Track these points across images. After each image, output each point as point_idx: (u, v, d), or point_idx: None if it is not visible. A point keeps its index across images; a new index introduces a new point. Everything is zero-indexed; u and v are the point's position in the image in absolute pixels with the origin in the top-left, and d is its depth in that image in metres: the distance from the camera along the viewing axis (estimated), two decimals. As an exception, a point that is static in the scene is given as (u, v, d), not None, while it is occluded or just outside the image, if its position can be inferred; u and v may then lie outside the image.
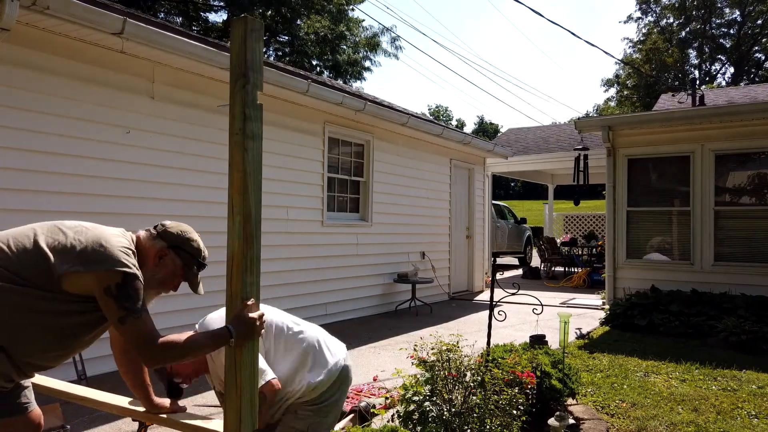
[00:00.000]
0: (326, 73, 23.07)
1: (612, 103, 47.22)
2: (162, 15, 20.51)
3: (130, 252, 1.94)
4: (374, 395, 4.06)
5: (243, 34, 1.76)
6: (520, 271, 14.14)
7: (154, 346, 1.82)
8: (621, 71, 44.31)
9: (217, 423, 2.28)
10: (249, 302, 1.78)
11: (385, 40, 24.25)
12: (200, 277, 2.16)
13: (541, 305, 3.88)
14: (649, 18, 42.00)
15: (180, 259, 2.06)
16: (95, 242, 1.89)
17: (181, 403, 2.34)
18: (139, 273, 1.90)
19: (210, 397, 4.00)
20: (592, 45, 34.99)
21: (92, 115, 4.51)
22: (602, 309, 8.07)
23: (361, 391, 4.17)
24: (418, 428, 2.79)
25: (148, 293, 2.03)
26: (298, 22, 22.13)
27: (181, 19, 21.63)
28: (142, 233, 2.08)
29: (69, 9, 3.87)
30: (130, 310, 1.81)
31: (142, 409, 2.26)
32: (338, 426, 3.07)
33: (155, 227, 2.10)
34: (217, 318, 2.49)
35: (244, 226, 1.73)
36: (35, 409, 2.06)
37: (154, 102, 4.99)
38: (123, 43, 4.42)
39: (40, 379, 2.59)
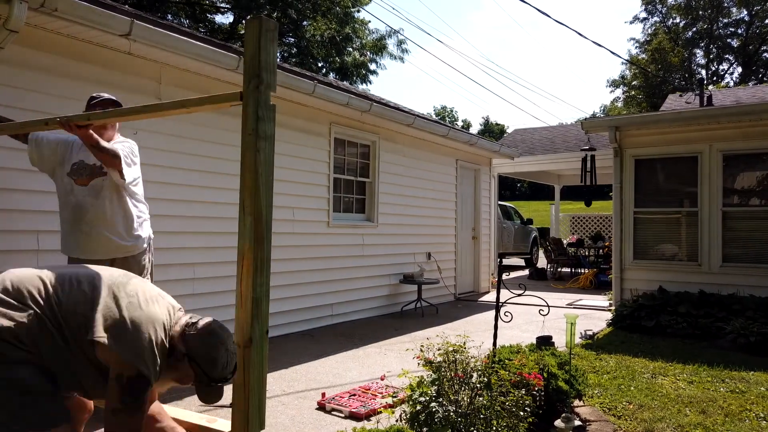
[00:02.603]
0: (332, 75, 23.09)
1: (618, 104, 47.05)
2: (169, 17, 20.60)
3: (157, 353, 1.98)
4: (382, 394, 4.06)
5: (257, 35, 1.75)
6: (526, 272, 14.11)
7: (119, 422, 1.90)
8: (627, 71, 44.15)
9: (223, 423, 2.28)
10: None
11: (391, 43, 24.28)
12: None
13: (548, 306, 3.87)
14: (655, 18, 41.85)
15: (193, 371, 2.06)
16: (136, 328, 1.95)
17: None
18: (153, 379, 1.95)
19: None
20: (599, 45, 34.79)
21: (100, 117, 4.53)
22: (609, 310, 8.04)
23: (369, 389, 4.18)
24: (425, 429, 2.78)
25: (165, 381, 2.08)
26: (305, 23, 22.16)
27: (188, 21, 21.71)
28: (181, 322, 2.10)
29: (77, 11, 3.89)
30: (127, 407, 1.90)
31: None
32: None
33: (190, 325, 2.09)
34: None
35: (255, 226, 1.73)
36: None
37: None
38: (130, 44, 4.44)
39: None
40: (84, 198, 3.42)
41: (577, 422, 3.41)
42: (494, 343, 3.83)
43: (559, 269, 13.62)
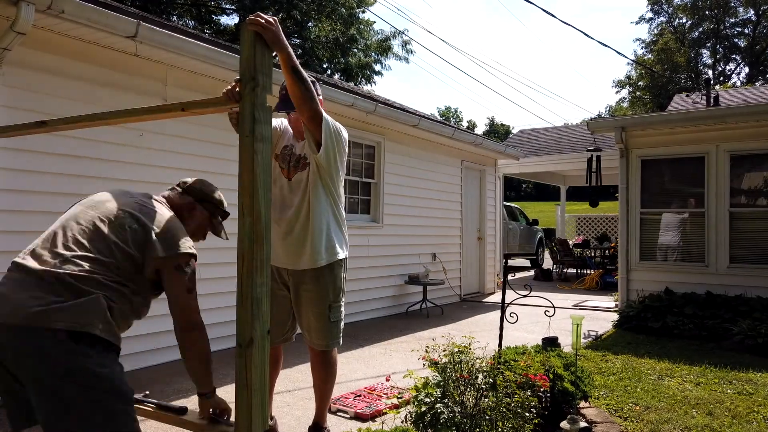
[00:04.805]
0: (337, 76, 23.13)
1: (624, 104, 46.91)
2: (175, 18, 20.68)
3: (181, 225, 2.14)
4: (387, 395, 4.05)
5: (252, 38, 1.78)
6: (531, 273, 14.07)
7: (194, 328, 2.06)
8: (633, 72, 44.00)
9: (227, 423, 2.28)
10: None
11: (396, 43, 24.27)
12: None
13: (554, 307, 3.85)
14: (662, 18, 41.69)
15: (206, 211, 2.33)
16: (165, 227, 2.08)
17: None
18: (194, 249, 2.10)
19: (220, 396, 4.01)
20: (605, 45, 34.79)
21: (106, 118, 4.55)
22: (615, 311, 8.01)
23: (374, 390, 4.17)
24: (430, 430, 2.78)
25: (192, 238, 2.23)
26: (310, 24, 22.21)
27: (193, 22, 21.79)
28: (167, 193, 2.32)
29: (83, 12, 3.91)
30: (190, 281, 2.06)
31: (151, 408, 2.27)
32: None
33: (178, 185, 2.37)
34: None
35: (254, 227, 1.74)
36: None
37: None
38: (137, 46, 4.46)
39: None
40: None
41: (583, 424, 3.39)
42: (500, 344, 3.82)
43: (564, 270, 13.58)
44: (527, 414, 2.87)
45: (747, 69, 40.66)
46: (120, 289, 1.95)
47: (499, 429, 2.75)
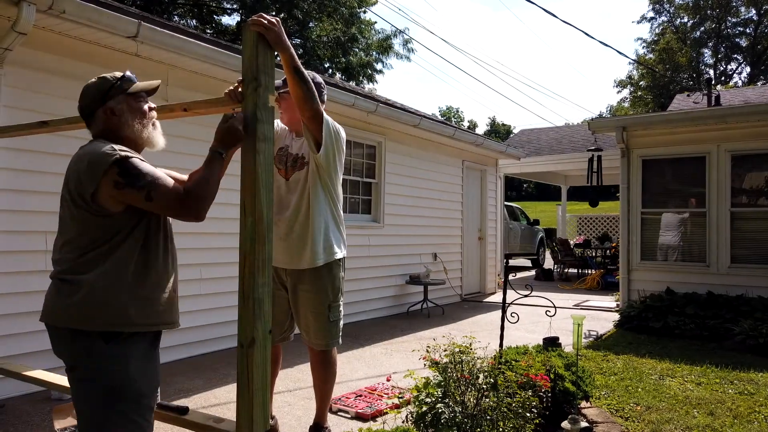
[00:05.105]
0: (338, 75, 23.11)
1: (625, 104, 46.87)
2: (176, 18, 20.69)
3: (107, 143, 1.93)
4: (388, 395, 4.05)
5: (254, 39, 1.78)
6: (532, 273, 14.06)
7: (188, 198, 1.84)
8: (634, 71, 43.97)
9: (229, 423, 2.29)
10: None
11: (397, 42, 24.26)
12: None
13: (555, 307, 3.85)
14: (663, 18, 41.66)
15: (115, 100, 2.06)
16: (84, 163, 1.90)
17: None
18: (124, 152, 1.87)
19: (221, 396, 4.02)
20: (606, 45, 34.76)
21: (107, 118, 4.56)
22: (616, 311, 8.00)
23: (375, 390, 4.17)
24: (431, 430, 2.78)
25: (145, 139, 2.13)
26: (311, 24, 22.22)
27: (194, 22, 21.81)
28: (90, 131, 2.11)
29: (84, 13, 3.92)
30: (147, 184, 1.82)
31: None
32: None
33: (81, 112, 2.16)
34: None
35: (256, 227, 1.74)
36: None
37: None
38: (138, 46, 4.46)
39: (52, 376, 2.62)
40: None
41: (584, 423, 3.39)
42: (501, 344, 3.82)
43: (565, 270, 13.57)
44: (528, 414, 2.87)
45: (748, 69, 40.62)
46: (100, 256, 1.84)
47: (500, 429, 2.75)
